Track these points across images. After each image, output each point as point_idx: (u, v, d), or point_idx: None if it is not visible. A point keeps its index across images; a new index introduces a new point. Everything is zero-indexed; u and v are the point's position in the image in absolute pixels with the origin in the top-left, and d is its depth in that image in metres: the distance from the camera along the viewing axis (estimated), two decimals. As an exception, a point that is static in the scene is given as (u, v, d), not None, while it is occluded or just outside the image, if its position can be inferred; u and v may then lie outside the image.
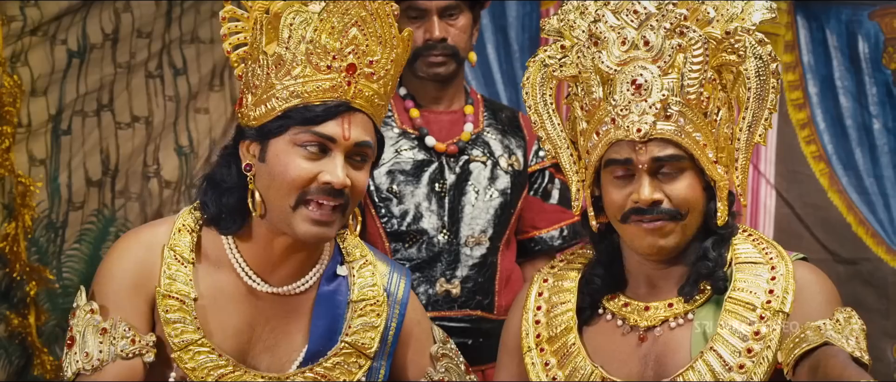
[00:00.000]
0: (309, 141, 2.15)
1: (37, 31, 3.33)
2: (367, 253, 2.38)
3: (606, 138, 2.22)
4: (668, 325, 2.26)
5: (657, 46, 2.20)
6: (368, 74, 2.18)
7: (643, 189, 2.19)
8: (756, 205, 4.16)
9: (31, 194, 3.29)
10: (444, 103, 3.14)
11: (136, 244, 2.26)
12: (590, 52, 2.25)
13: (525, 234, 3.20)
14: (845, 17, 4.14)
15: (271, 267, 2.26)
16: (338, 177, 2.14)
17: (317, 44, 2.15)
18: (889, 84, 4.11)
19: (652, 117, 2.18)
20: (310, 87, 2.15)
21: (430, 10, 3.02)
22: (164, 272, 2.21)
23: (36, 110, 3.39)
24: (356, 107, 2.17)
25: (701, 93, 2.20)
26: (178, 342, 2.19)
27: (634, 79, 2.20)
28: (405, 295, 2.36)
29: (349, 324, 2.29)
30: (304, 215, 2.16)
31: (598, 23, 2.24)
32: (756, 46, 2.22)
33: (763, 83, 2.23)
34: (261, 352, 2.26)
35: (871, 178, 4.12)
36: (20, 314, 3.32)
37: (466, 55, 3.10)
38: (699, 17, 2.22)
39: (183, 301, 2.20)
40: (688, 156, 2.20)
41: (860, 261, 4.11)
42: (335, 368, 2.27)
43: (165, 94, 3.71)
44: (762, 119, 2.25)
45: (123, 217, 3.61)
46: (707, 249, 2.25)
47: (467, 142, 3.11)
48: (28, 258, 3.31)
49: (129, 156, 3.64)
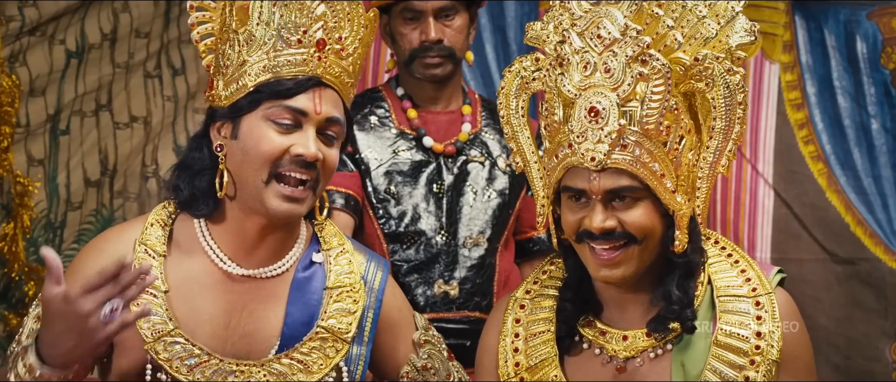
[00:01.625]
0: (281, 115, 2.19)
1: (35, 31, 3.33)
2: (344, 242, 2.40)
3: (563, 162, 2.18)
4: (648, 355, 2.24)
5: (618, 74, 2.14)
6: (337, 51, 2.23)
7: (596, 216, 2.15)
8: (754, 206, 4.16)
9: (29, 194, 3.29)
10: (441, 103, 3.14)
11: (107, 242, 2.30)
12: (554, 73, 2.20)
13: (523, 235, 3.20)
14: (843, 17, 4.14)
15: (245, 251, 2.28)
16: (309, 149, 2.18)
17: (287, 19, 2.20)
18: (887, 84, 4.11)
19: (607, 146, 2.13)
20: (281, 61, 2.20)
21: (426, 12, 3.02)
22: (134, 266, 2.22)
23: (34, 110, 3.39)
24: (326, 83, 2.22)
25: (661, 122, 2.15)
26: (150, 334, 2.21)
27: (592, 105, 2.14)
28: (382, 285, 2.38)
29: (325, 310, 2.31)
30: (276, 190, 2.20)
31: (563, 44, 2.19)
32: (724, 74, 2.16)
33: (729, 112, 2.18)
34: (239, 339, 2.27)
35: (870, 178, 4.12)
36: (18, 314, 3.32)
37: (463, 55, 3.09)
38: (667, 42, 2.17)
39: (153, 294, 2.22)
40: (643, 186, 2.16)
41: (858, 261, 4.11)
42: (312, 353, 2.28)
43: (164, 94, 3.71)
44: (726, 150, 2.20)
45: (122, 217, 3.61)
46: (670, 292, 2.22)
47: (465, 142, 3.11)
48: (26, 258, 3.31)
49: (127, 156, 3.64)
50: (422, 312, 2.99)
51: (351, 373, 2.31)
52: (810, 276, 4.09)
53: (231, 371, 2.24)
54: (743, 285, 2.26)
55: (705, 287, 2.27)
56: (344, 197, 2.98)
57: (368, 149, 3.05)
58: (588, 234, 2.17)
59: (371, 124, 3.08)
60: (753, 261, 2.31)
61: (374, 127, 3.08)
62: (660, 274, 2.24)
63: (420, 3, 3.02)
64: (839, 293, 4.12)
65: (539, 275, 2.41)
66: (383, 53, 4.11)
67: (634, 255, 2.18)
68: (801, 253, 4.14)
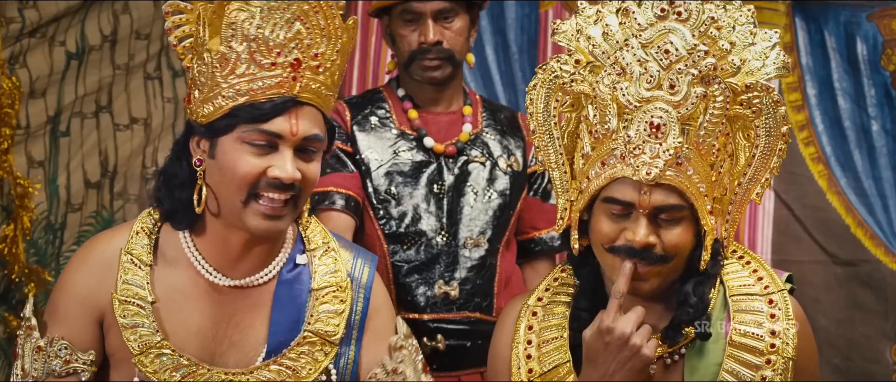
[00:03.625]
0: (257, 138, 2.17)
1: (35, 32, 3.32)
2: (330, 239, 2.38)
3: (612, 172, 2.17)
4: (664, 361, 2.25)
5: (682, 91, 2.13)
6: (314, 67, 2.20)
7: (640, 230, 2.15)
8: (755, 207, 4.15)
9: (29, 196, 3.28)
10: (442, 105, 3.13)
11: (92, 253, 2.30)
12: (611, 80, 2.17)
13: (525, 235, 3.19)
14: (844, 19, 4.15)
15: (231, 262, 2.27)
16: (286, 172, 2.16)
17: (260, 41, 2.16)
18: (887, 85, 4.11)
19: (663, 162, 2.13)
20: (255, 85, 2.17)
21: (425, 14, 3.01)
22: (120, 277, 2.24)
23: (34, 112, 3.38)
24: (303, 101, 2.19)
25: (714, 144, 2.16)
26: (137, 346, 2.21)
27: (653, 120, 2.14)
28: (369, 280, 2.37)
29: (311, 313, 2.30)
30: (255, 209, 2.18)
31: (625, 52, 2.16)
32: (772, 105, 2.17)
33: (771, 143, 2.19)
34: (227, 348, 2.27)
35: (870, 180, 4.12)
36: (18, 315, 3.31)
37: (463, 58, 3.09)
38: (725, 66, 2.16)
39: (140, 305, 2.23)
40: (688, 205, 2.16)
41: (859, 263, 4.11)
42: (300, 358, 2.28)
43: (164, 96, 3.71)
44: (762, 179, 2.21)
45: (122, 218, 3.61)
46: (688, 294, 2.23)
47: (466, 142, 3.10)
48: (27, 259, 3.30)
49: (127, 157, 3.64)
50: (422, 313, 2.99)
51: (340, 374, 2.31)
52: (811, 278, 4.09)
53: (220, 380, 2.23)
54: (755, 284, 2.27)
55: (718, 288, 2.27)
56: (344, 199, 2.97)
57: (369, 149, 3.05)
58: (628, 248, 2.17)
59: (372, 125, 3.08)
60: (764, 261, 2.32)
61: (374, 127, 3.08)
62: (675, 282, 2.24)
63: (419, 4, 3.01)
64: (839, 294, 4.12)
65: (551, 282, 2.41)
66: (384, 54, 4.11)
67: (662, 272, 2.20)
68: (801, 254, 4.14)
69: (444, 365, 2.97)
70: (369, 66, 4.12)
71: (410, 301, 3.00)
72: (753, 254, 2.35)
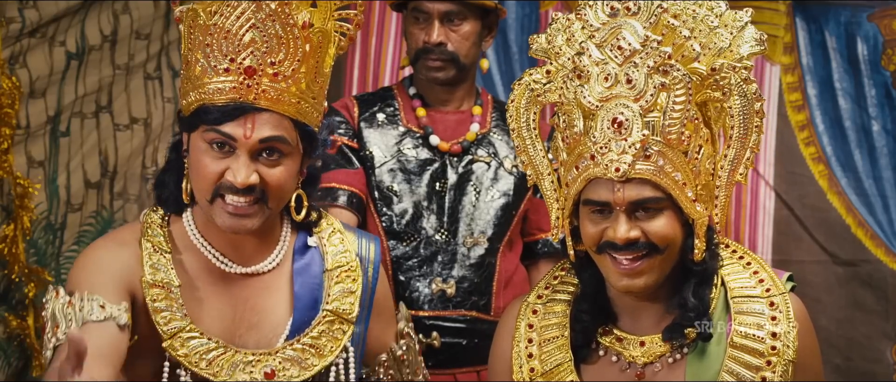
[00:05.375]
0: (214, 139, 2.20)
1: (35, 32, 3.32)
2: (333, 221, 2.43)
3: (585, 174, 2.18)
4: (666, 360, 2.26)
5: (640, 85, 2.15)
6: (271, 75, 2.20)
7: (620, 227, 2.16)
8: (755, 207, 4.16)
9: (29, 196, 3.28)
10: (452, 104, 3.15)
11: (111, 242, 2.31)
12: (573, 85, 2.20)
13: (531, 237, 3.20)
14: (844, 19, 4.15)
15: (233, 246, 2.31)
16: (238, 178, 2.18)
17: (213, 47, 2.19)
18: (888, 85, 4.11)
19: (631, 157, 2.14)
20: (211, 88, 2.20)
21: (432, 14, 3.03)
22: (146, 261, 2.26)
23: (34, 112, 3.38)
24: (261, 108, 2.20)
25: (682, 132, 2.15)
26: (168, 330, 2.22)
27: (615, 117, 2.15)
28: (377, 257, 2.42)
29: (328, 293, 2.33)
30: (221, 207, 2.22)
31: (582, 56, 2.19)
32: (741, 84, 2.18)
33: (747, 121, 2.19)
34: (246, 331, 2.29)
35: (871, 180, 4.12)
36: (19, 316, 3.31)
37: (469, 61, 3.09)
38: (685, 52, 2.18)
39: (168, 289, 2.25)
40: (666, 196, 2.16)
41: (859, 263, 4.11)
42: (321, 337, 2.31)
43: (164, 96, 3.71)
44: (744, 158, 2.21)
45: (122, 218, 3.61)
46: (686, 300, 2.23)
47: (472, 142, 3.11)
48: (27, 259, 3.30)
49: (127, 157, 3.64)
50: (419, 309, 3.01)
51: (356, 352, 2.34)
52: (811, 278, 4.09)
53: (248, 361, 2.25)
54: (756, 286, 2.28)
55: (719, 289, 2.28)
56: (347, 195, 2.99)
57: (374, 145, 3.07)
58: (611, 245, 2.18)
59: (379, 121, 3.10)
60: (765, 263, 2.32)
61: (381, 124, 3.10)
62: (675, 281, 2.25)
63: (428, 4, 3.03)
64: (840, 294, 4.11)
65: (550, 280, 2.42)
66: (384, 54, 4.11)
67: (656, 265, 2.19)
68: (802, 254, 4.14)
69: (440, 363, 2.98)
70: (369, 66, 4.12)
71: (408, 297, 3.01)
72: (754, 255, 2.35)
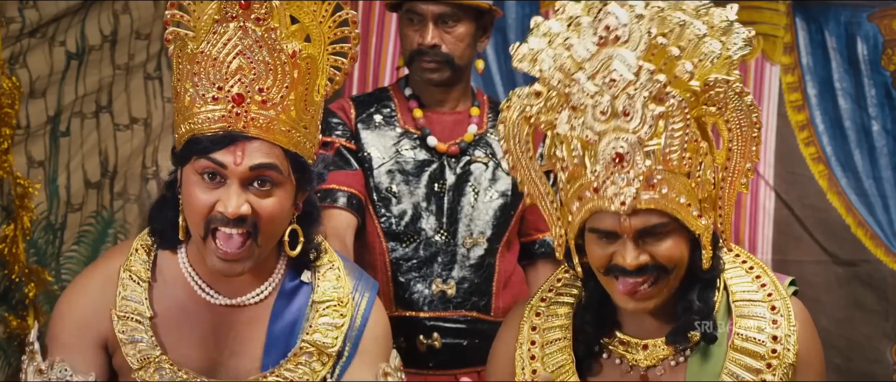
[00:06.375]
0: (205, 168, 2.16)
1: (35, 32, 3.32)
2: (335, 259, 2.38)
3: (588, 205, 2.15)
4: (669, 363, 2.25)
5: (637, 116, 2.09)
6: (261, 102, 2.16)
7: (628, 254, 2.13)
8: (755, 207, 4.15)
9: (29, 196, 3.28)
10: (448, 105, 3.14)
11: (91, 279, 2.31)
12: (567, 116, 2.15)
13: (528, 237, 3.19)
14: (844, 19, 4.14)
15: (224, 282, 2.27)
16: (228, 208, 2.14)
17: (201, 76, 2.16)
18: (888, 86, 4.11)
19: (635, 188, 2.10)
20: (200, 118, 2.17)
21: (427, 16, 3.02)
22: (119, 293, 2.26)
23: (34, 112, 3.38)
24: (251, 136, 2.16)
25: (683, 156, 2.12)
26: (136, 361, 2.22)
27: (616, 149, 2.10)
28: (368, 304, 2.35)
29: (310, 324, 2.30)
30: (213, 249, 2.18)
31: (573, 87, 2.14)
32: (736, 98, 2.15)
33: (745, 132, 2.17)
34: (228, 358, 2.28)
35: (871, 180, 4.12)
36: (19, 316, 3.31)
37: (464, 63, 3.08)
38: (677, 72, 2.11)
39: (139, 320, 2.24)
40: (672, 219, 2.14)
41: (859, 263, 4.11)
42: (298, 368, 2.28)
43: (164, 96, 3.71)
44: (745, 169, 2.20)
45: (122, 218, 3.61)
46: (692, 301, 2.22)
47: (470, 142, 3.11)
48: (27, 260, 3.30)
49: (127, 157, 3.64)
50: (419, 311, 3.01)
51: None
52: (811, 278, 4.09)
53: None
54: (758, 290, 2.27)
55: (722, 293, 2.27)
56: (346, 196, 2.99)
57: (372, 147, 3.06)
58: (620, 269, 2.15)
59: (376, 123, 3.09)
60: (768, 268, 2.32)
61: (378, 125, 3.09)
62: (680, 287, 2.23)
63: (422, 6, 3.02)
64: (840, 294, 4.11)
65: (554, 283, 2.41)
66: (384, 54, 4.11)
67: (666, 285, 2.18)
68: (801, 254, 4.14)
69: (441, 364, 2.99)
70: (369, 66, 4.12)
71: (408, 298, 3.01)
72: (756, 260, 2.35)
